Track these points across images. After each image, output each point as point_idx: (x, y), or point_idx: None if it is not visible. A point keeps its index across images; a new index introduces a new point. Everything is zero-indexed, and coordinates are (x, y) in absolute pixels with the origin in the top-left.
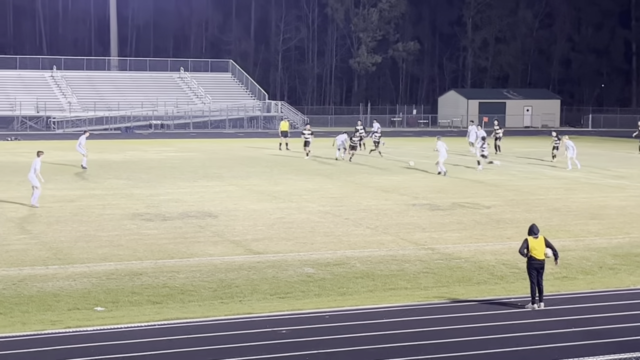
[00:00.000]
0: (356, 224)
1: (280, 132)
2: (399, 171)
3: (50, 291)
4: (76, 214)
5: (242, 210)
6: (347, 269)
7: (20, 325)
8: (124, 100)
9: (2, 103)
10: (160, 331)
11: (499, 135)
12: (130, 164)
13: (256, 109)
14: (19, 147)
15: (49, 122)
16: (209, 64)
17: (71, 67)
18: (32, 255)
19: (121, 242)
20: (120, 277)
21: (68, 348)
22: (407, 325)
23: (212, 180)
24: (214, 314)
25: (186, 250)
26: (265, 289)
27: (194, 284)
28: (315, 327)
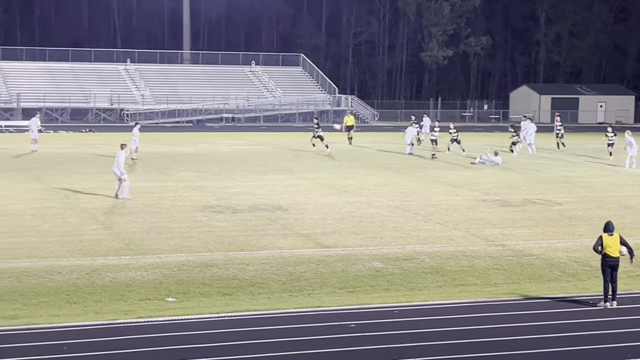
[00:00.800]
0: (426, 219)
1: (346, 126)
2: (469, 166)
3: (122, 281)
4: (148, 206)
5: (312, 203)
6: (417, 264)
7: (93, 314)
8: (196, 93)
9: (77, 95)
10: (230, 323)
11: (560, 131)
12: (202, 157)
13: (326, 103)
14: (93, 139)
15: (122, 115)
16: (280, 58)
17: (144, 60)
18: (105, 246)
19: (192, 233)
20: (191, 269)
21: (139, 338)
22: (476, 322)
23: (282, 174)
24: (283, 306)
25: (256, 243)
26: (334, 283)
27: (264, 277)
28: (383, 321)
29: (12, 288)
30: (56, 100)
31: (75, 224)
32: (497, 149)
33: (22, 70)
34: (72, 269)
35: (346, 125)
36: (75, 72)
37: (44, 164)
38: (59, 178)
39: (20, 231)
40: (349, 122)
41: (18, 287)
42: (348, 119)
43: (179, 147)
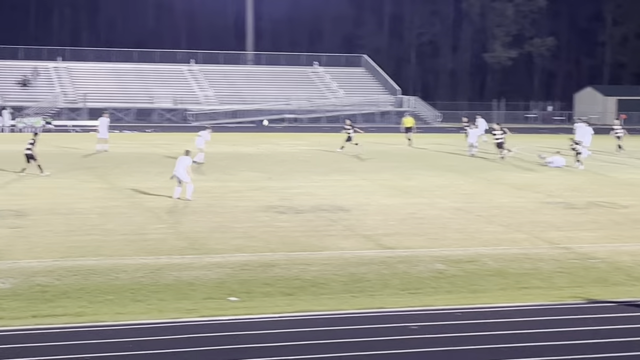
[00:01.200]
0: (488, 221)
1: (405, 128)
2: (533, 168)
3: (186, 280)
4: (211, 205)
5: (374, 204)
6: (479, 267)
7: (157, 312)
8: (259, 94)
9: (141, 96)
10: (292, 323)
11: (619, 134)
12: (264, 157)
13: (388, 104)
14: (156, 139)
15: (186, 115)
16: (342, 59)
17: (208, 61)
18: (169, 245)
19: (255, 233)
20: (254, 268)
21: (202, 337)
22: (540, 325)
23: (344, 175)
24: (345, 307)
25: (318, 243)
26: (396, 284)
27: (326, 277)
28: (446, 323)
29: (78, 285)
30: (121, 101)
31: (139, 222)
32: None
33: (88, 70)
34: (137, 268)
35: (405, 127)
36: (140, 73)
37: (108, 164)
38: (124, 177)
39: (86, 229)
40: (408, 123)
41: (84, 285)
42: (407, 120)
43: (241, 147)
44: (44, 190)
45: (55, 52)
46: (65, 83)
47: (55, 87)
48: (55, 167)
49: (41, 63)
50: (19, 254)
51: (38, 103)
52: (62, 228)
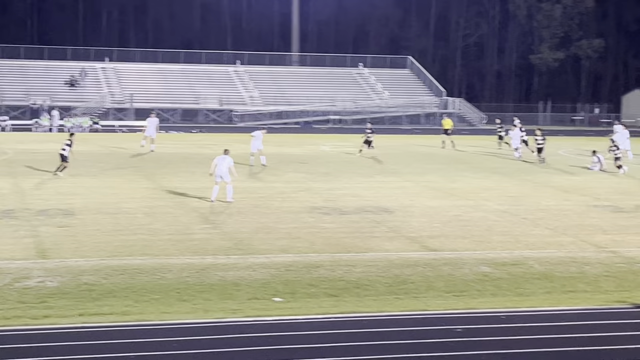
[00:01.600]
0: (534, 224)
1: (443, 130)
2: (579, 171)
3: (231, 280)
4: (256, 206)
5: (418, 206)
6: (525, 270)
7: (202, 312)
8: (303, 95)
9: (187, 96)
10: (337, 324)
11: None
12: (309, 158)
13: (433, 106)
14: (202, 140)
15: (231, 116)
16: (387, 60)
17: (254, 62)
18: (214, 245)
19: (299, 234)
20: (298, 269)
21: (247, 337)
22: (586, 329)
23: (389, 176)
24: (389, 309)
25: (362, 245)
26: (441, 287)
27: (370, 279)
28: (491, 327)
29: (124, 285)
30: (167, 101)
31: (185, 222)
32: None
33: (136, 71)
34: (182, 267)
35: (444, 129)
36: (186, 74)
37: (155, 164)
38: (170, 177)
39: (132, 229)
40: (447, 125)
41: (130, 284)
42: (445, 122)
43: (286, 149)
44: (91, 190)
45: (102, 53)
46: (113, 83)
47: (103, 88)
48: (102, 167)
49: (89, 64)
50: (66, 253)
51: (85, 103)
52: (110, 227)
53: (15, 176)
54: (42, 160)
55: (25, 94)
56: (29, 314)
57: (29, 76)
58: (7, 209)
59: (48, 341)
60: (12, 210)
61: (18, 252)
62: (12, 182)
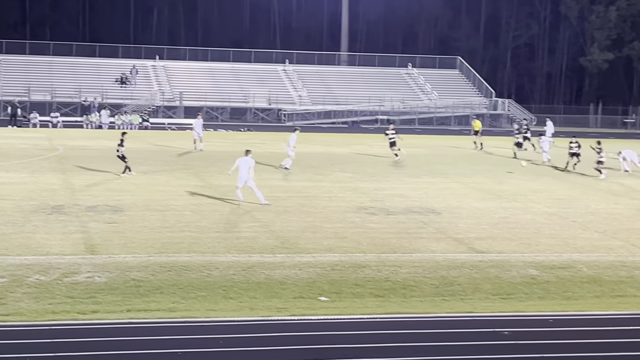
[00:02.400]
0: (583, 227)
1: (473, 131)
2: (630, 175)
3: (277, 279)
4: (303, 205)
5: (466, 208)
6: (573, 273)
7: (248, 310)
8: (352, 95)
9: (236, 95)
10: (383, 324)
11: None
12: (356, 158)
13: (482, 107)
14: (251, 138)
15: (280, 115)
16: (436, 60)
17: (302, 62)
18: (261, 243)
19: (346, 234)
20: (344, 269)
21: (293, 335)
22: (636, 335)
23: (436, 177)
24: (435, 310)
25: (409, 246)
26: (488, 289)
27: (416, 280)
28: (538, 330)
29: (171, 281)
30: (216, 100)
31: (232, 220)
32: None
33: (185, 69)
34: (229, 265)
35: (474, 130)
36: (235, 72)
37: (203, 162)
38: (218, 175)
39: (180, 226)
40: (476, 127)
41: (177, 281)
42: (475, 123)
43: (334, 148)
44: (140, 187)
45: (153, 51)
46: (162, 81)
47: (153, 86)
48: (151, 164)
49: (139, 62)
50: (115, 249)
51: (136, 101)
52: (157, 224)
53: (65, 172)
54: (92, 157)
55: (77, 90)
56: (77, 308)
57: (80, 73)
58: (58, 205)
59: (96, 336)
60: (62, 206)
61: (67, 248)
62: (62, 178)
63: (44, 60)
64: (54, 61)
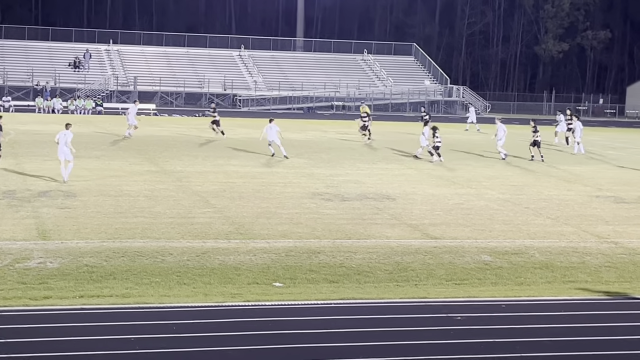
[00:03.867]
0: (536, 214)
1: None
2: (582, 161)
3: (231, 265)
4: (258, 191)
5: (420, 194)
6: (526, 259)
7: (202, 296)
8: (308, 81)
9: (192, 80)
10: (336, 310)
11: None
12: (311, 144)
13: (437, 94)
14: (205, 123)
15: (235, 100)
16: (392, 47)
17: (258, 47)
18: (215, 229)
19: (300, 220)
20: (299, 255)
21: (246, 321)
22: (586, 319)
23: (391, 163)
24: (389, 296)
25: (363, 232)
26: (441, 274)
27: (370, 265)
28: (491, 315)
29: (125, 267)
30: (171, 85)
31: (187, 206)
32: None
33: (140, 54)
34: (183, 251)
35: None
36: (190, 57)
37: (157, 147)
38: (172, 161)
39: (134, 212)
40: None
41: (131, 267)
42: (362, 108)
43: (289, 134)
44: (93, 172)
45: (107, 35)
46: (117, 66)
47: (107, 70)
48: (104, 149)
49: (93, 46)
50: (67, 234)
51: (89, 85)
52: (111, 210)
53: (17, 157)
54: (44, 142)
55: (29, 74)
56: (29, 294)
57: (33, 57)
58: (9, 190)
59: (48, 322)
60: (13, 191)
61: (19, 233)
62: (14, 163)
63: None
64: (5, 44)
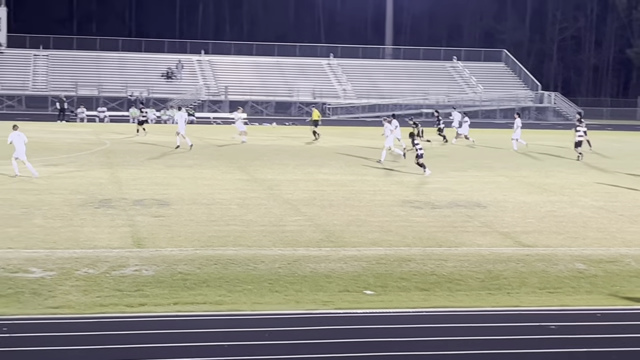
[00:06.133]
0: (631, 221)
1: (312, 121)
2: None
3: (322, 272)
4: (348, 199)
5: (512, 201)
6: (621, 267)
7: (294, 303)
8: (396, 89)
9: (281, 89)
10: (428, 318)
11: None
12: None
13: (528, 100)
14: (295, 132)
15: (324, 109)
16: (481, 54)
17: (347, 55)
18: (306, 237)
19: (391, 228)
20: (390, 262)
21: (338, 329)
22: None
23: (482, 170)
24: (481, 304)
25: (454, 239)
26: (534, 283)
27: (462, 273)
28: (585, 324)
29: (218, 275)
30: (261, 94)
31: (278, 214)
32: None
33: (230, 64)
34: (275, 259)
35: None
36: (280, 67)
37: (248, 155)
38: (263, 169)
39: (226, 220)
40: (315, 116)
41: (223, 274)
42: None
43: (378, 142)
44: (186, 181)
45: (198, 46)
46: (208, 76)
47: (198, 80)
48: (197, 158)
49: (185, 56)
50: (161, 242)
51: (181, 95)
52: (204, 218)
53: (112, 166)
54: (138, 151)
55: (123, 85)
56: (125, 301)
57: (127, 68)
58: (105, 199)
59: (143, 329)
60: (109, 199)
61: (115, 241)
62: (109, 172)
63: (91, 56)
64: (100, 56)
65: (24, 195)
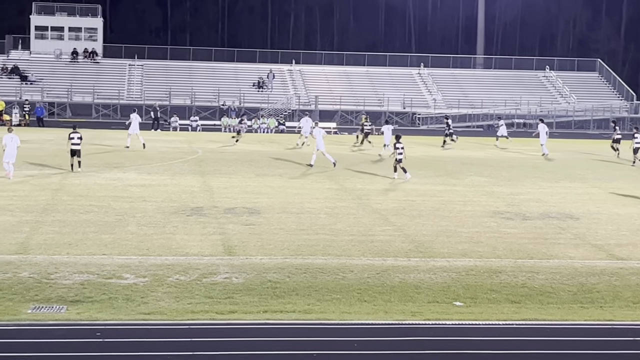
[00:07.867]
0: None
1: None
2: None
3: (411, 283)
4: (438, 209)
5: (605, 213)
6: None
7: (382, 313)
8: (487, 98)
9: (371, 99)
10: (518, 331)
11: None
12: (492, 162)
13: (623, 110)
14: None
15: (414, 118)
16: (575, 63)
17: (437, 65)
18: (395, 247)
19: (481, 239)
20: (479, 274)
21: (427, 340)
22: None
23: (574, 182)
24: (573, 317)
25: (546, 251)
26: (628, 297)
27: (554, 286)
28: None
29: (307, 283)
30: (351, 103)
31: (367, 224)
32: None
33: (321, 73)
34: (364, 268)
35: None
36: (370, 76)
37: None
38: (352, 179)
39: (315, 229)
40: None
41: (312, 283)
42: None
43: (468, 152)
44: (276, 190)
45: (289, 56)
46: (298, 85)
47: (289, 90)
48: (287, 167)
49: (276, 66)
50: (252, 250)
51: (272, 105)
52: (293, 226)
53: (204, 175)
54: (230, 160)
55: (215, 95)
56: (215, 308)
57: (219, 78)
58: (197, 207)
59: (233, 336)
60: (201, 207)
61: (206, 249)
62: (201, 180)
63: (184, 65)
64: (193, 66)
65: (118, 203)
